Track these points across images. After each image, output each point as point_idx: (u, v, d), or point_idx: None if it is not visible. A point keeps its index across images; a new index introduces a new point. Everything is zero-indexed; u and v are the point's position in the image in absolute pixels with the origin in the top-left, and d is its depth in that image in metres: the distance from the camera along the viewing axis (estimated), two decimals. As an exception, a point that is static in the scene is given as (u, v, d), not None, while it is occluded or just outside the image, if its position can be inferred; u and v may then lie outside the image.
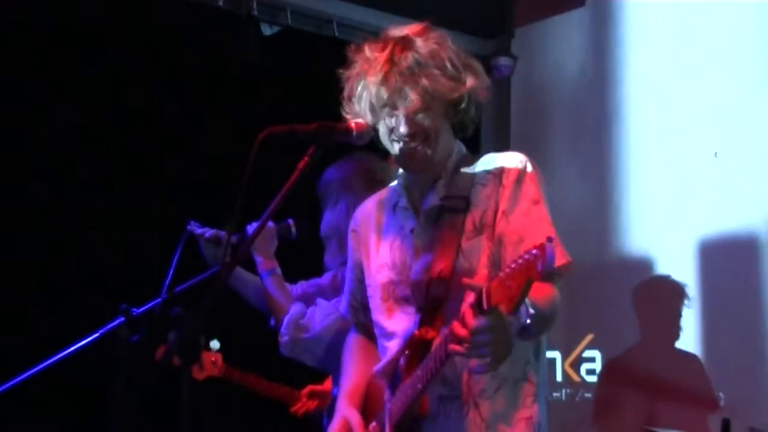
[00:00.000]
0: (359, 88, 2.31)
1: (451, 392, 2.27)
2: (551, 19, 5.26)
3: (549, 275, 1.82)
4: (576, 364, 4.92)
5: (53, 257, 4.20)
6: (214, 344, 3.75)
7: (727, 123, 4.44)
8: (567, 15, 5.17)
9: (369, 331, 2.52)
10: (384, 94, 2.27)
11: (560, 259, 2.22)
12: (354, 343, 2.61)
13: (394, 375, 2.33)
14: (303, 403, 3.83)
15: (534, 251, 1.81)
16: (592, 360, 4.88)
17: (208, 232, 3.20)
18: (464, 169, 2.36)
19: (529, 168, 2.33)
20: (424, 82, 2.25)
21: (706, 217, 4.47)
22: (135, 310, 2.86)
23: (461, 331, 1.96)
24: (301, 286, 3.49)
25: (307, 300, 3.37)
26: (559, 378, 4.97)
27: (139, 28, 4.42)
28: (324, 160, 2.21)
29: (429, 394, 2.23)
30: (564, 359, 4.94)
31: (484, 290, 1.91)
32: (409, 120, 2.28)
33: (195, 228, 3.20)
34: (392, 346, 2.36)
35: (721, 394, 4.31)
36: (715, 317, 4.41)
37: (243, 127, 3.00)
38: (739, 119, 4.40)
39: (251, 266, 3.31)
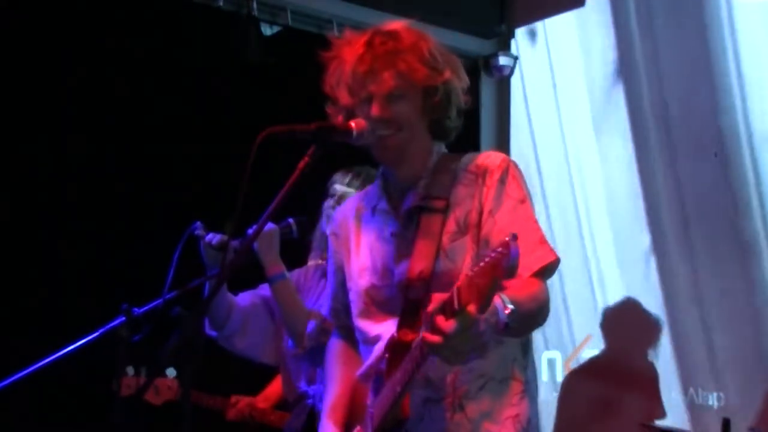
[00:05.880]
0: (338, 72, 2.31)
1: (436, 394, 2.25)
2: (551, 19, 5.27)
3: (513, 272, 1.80)
4: (576, 364, 4.92)
5: (54, 256, 4.20)
6: (171, 372, 3.82)
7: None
8: (567, 15, 5.17)
9: (351, 335, 2.48)
10: (359, 74, 2.26)
11: (550, 255, 2.21)
12: (336, 349, 2.55)
13: (376, 379, 2.31)
14: (235, 410, 3.89)
15: (499, 249, 1.80)
16: (592, 360, 4.89)
17: (216, 238, 3.16)
18: (445, 169, 2.33)
19: (512, 167, 2.31)
20: (400, 65, 2.25)
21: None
22: (136, 310, 2.86)
23: (435, 338, 1.94)
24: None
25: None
26: (559, 378, 4.97)
27: (140, 28, 4.42)
28: (324, 160, 2.20)
29: (413, 396, 2.21)
30: (564, 359, 4.94)
31: (455, 289, 1.90)
32: (382, 103, 2.26)
33: (201, 231, 3.17)
34: (376, 349, 2.33)
35: (721, 394, 4.32)
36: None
37: (243, 127, 3.00)
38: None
39: (252, 271, 3.31)
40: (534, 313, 2.17)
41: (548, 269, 2.22)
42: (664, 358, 4.53)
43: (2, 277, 4.03)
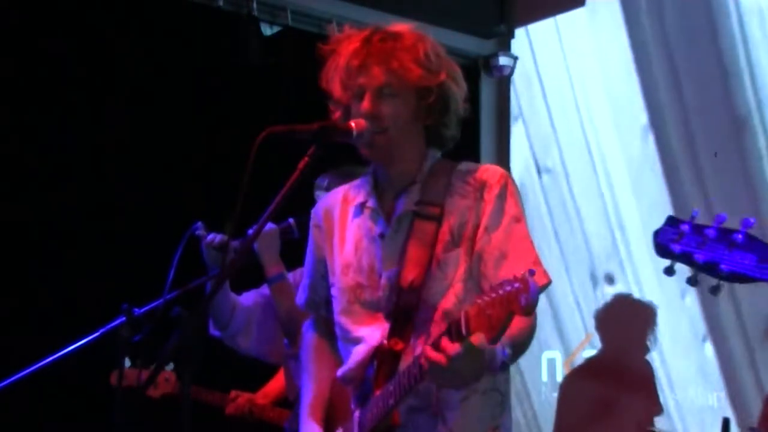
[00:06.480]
0: (333, 66, 2.30)
1: (421, 403, 2.23)
2: (551, 19, 5.27)
3: (531, 310, 1.80)
4: (576, 364, 4.92)
5: (54, 256, 4.20)
6: (169, 366, 3.83)
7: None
8: (567, 15, 5.17)
9: (329, 328, 2.46)
10: (351, 67, 2.26)
11: (543, 278, 2.20)
12: (313, 344, 2.53)
13: (362, 384, 2.29)
14: (234, 405, 3.90)
15: (516, 284, 1.80)
16: (592, 360, 4.89)
17: (217, 238, 3.17)
18: (440, 176, 2.32)
19: (510, 183, 2.30)
20: (392, 63, 2.24)
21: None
22: (136, 310, 2.86)
23: (438, 357, 1.95)
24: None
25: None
26: (558, 378, 4.97)
27: (139, 27, 4.42)
28: (324, 160, 2.20)
29: (400, 404, 2.19)
30: (564, 359, 4.95)
31: (462, 315, 1.90)
32: (373, 99, 2.25)
33: (202, 231, 3.17)
34: (358, 351, 2.31)
35: (721, 394, 4.32)
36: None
37: (243, 127, 3.00)
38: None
39: (253, 271, 3.31)
40: (526, 342, 2.19)
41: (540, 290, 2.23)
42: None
43: (3, 277, 4.03)
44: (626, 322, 4.66)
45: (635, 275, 4.73)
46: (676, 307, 4.48)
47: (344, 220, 2.41)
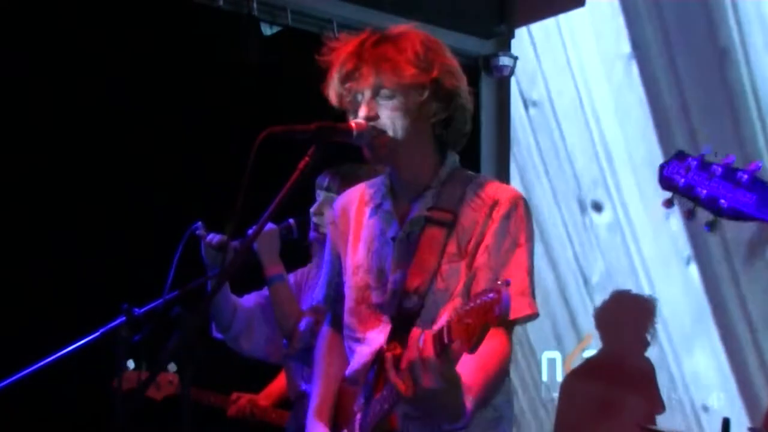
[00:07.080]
0: (330, 74, 2.30)
1: (415, 412, 2.22)
2: (551, 19, 5.27)
3: (505, 322, 1.82)
4: (576, 364, 4.92)
5: (54, 256, 4.20)
6: (171, 366, 3.83)
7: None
8: (567, 15, 5.17)
9: (342, 325, 2.46)
10: (343, 71, 2.26)
11: (526, 309, 2.21)
12: (327, 340, 2.53)
13: (365, 386, 2.30)
14: (235, 407, 3.91)
15: (491, 295, 1.80)
16: (592, 360, 4.89)
17: (216, 238, 3.17)
18: (456, 184, 2.31)
19: (521, 206, 2.27)
20: (384, 65, 2.23)
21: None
22: (136, 310, 2.86)
23: (415, 356, 1.93)
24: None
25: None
26: (559, 378, 4.97)
27: (139, 27, 4.42)
28: (324, 160, 2.20)
29: (396, 410, 2.19)
30: (564, 359, 4.95)
31: (446, 324, 1.89)
32: (369, 102, 2.25)
33: (202, 231, 3.17)
34: (361, 353, 2.32)
35: (722, 394, 4.32)
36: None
37: (243, 127, 3.01)
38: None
39: (253, 271, 3.31)
40: (495, 388, 2.19)
41: (520, 321, 2.23)
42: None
43: (2, 277, 4.03)
44: (625, 319, 4.66)
45: (621, 202, 4.81)
46: (661, 230, 4.53)
47: (360, 220, 2.41)
